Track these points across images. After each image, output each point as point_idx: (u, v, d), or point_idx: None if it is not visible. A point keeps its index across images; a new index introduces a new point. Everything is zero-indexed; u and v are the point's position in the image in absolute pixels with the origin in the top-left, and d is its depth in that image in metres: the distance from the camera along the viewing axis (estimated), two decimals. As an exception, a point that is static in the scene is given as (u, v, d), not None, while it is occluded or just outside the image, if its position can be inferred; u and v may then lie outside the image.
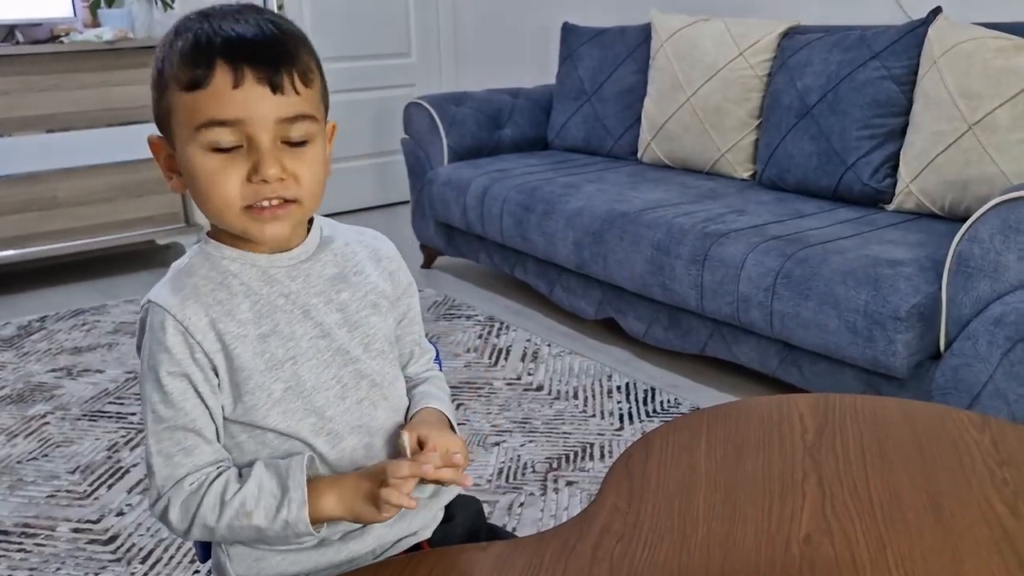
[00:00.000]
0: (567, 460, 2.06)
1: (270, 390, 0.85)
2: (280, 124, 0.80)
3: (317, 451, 0.87)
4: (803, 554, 0.80)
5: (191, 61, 0.79)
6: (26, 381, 2.57)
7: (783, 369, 2.15)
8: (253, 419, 0.85)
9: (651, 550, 0.81)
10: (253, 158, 0.80)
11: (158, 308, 0.84)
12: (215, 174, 0.80)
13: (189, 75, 0.79)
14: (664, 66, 3.04)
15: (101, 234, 3.51)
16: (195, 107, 0.79)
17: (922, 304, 1.82)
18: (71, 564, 1.71)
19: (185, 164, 0.82)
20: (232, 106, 0.78)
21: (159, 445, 0.84)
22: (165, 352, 0.83)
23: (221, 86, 0.78)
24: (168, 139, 0.85)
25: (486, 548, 0.82)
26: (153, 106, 0.85)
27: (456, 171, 3.21)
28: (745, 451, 0.98)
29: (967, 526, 0.83)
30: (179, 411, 0.83)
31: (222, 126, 0.79)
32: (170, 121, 0.83)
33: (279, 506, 0.82)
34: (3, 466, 2.09)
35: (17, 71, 3.24)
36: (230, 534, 0.84)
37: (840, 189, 2.50)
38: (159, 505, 0.85)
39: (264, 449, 0.87)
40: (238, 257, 0.87)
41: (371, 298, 0.92)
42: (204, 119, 0.79)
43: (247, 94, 0.78)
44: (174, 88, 0.80)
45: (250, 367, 0.85)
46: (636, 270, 2.44)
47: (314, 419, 0.87)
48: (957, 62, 2.20)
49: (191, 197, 0.86)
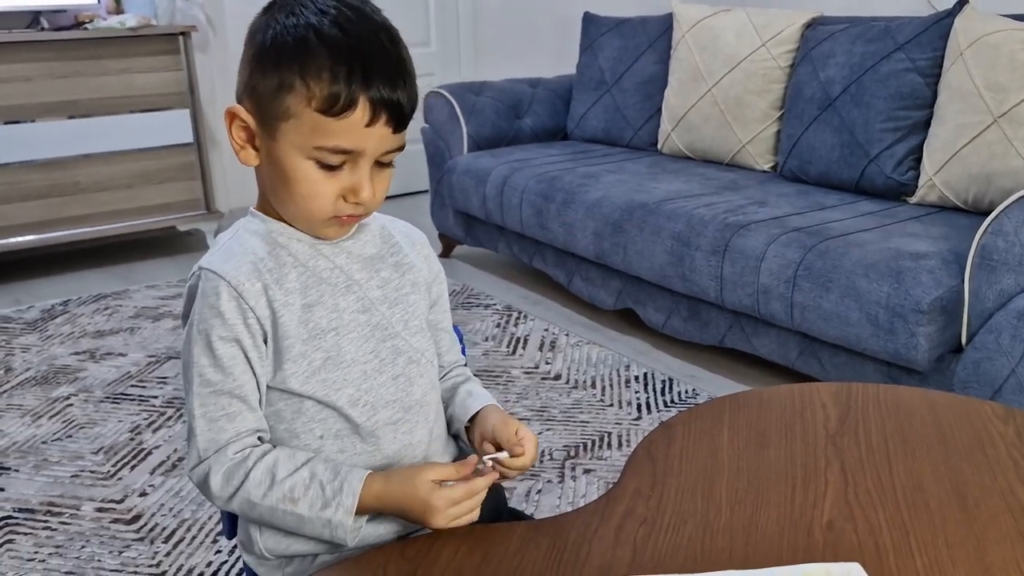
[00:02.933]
0: (584, 448, 2.07)
1: (311, 359, 0.87)
2: (385, 154, 0.85)
3: (352, 421, 0.89)
4: (826, 540, 0.80)
5: (335, 86, 0.79)
6: (50, 364, 2.60)
7: (802, 361, 2.15)
8: (292, 386, 0.87)
9: (674, 533, 0.81)
10: (353, 180, 0.84)
11: (211, 274, 0.85)
12: (316, 185, 0.83)
13: (330, 100, 0.79)
14: (685, 56, 3.03)
15: (122, 220, 3.54)
16: (325, 130, 0.81)
17: (944, 297, 1.82)
18: (95, 542, 1.74)
19: (282, 162, 0.83)
20: (360, 140, 0.82)
21: (203, 409, 0.85)
22: (218, 317, 0.84)
23: (357, 121, 0.80)
24: (264, 126, 0.84)
25: (510, 528, 0.83)
26: (259, 92, 0.83)
27: (476, 160, 3.22)
28: (767, 438, 0.98)
29: (991, 516, 0.83)
30: (228, 376, 0.85)
31: (343, 153, 0.82)
32: (283, 121, 0.82)
33: (326, 504, 0.83)
34: (28, 446, 2.12)
35: (41, 57, 3.26)
36: (269, 515, 0.85)
37: (862, 182, 2.49)
38: (199, 470, 0.86)
39: (300, 417, 0.88)
40: (285, 231, 0.89)
41: (410, 277, 0.95)
42: (330, 144, 0.81)
43: (375, 131, 0.82)
44: (304, 100, 0.80)
45: (294, 335, 0.86)
46: (656, 261, 2.44)
47: (351, 390, 0.89)
48: (983, 54, 2.18)
49: (265, 183, 0.88)
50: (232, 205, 3.89)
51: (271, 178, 0.86)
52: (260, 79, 0.82)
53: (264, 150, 0.85)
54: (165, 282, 3.35)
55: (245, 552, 0.94)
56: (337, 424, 0.89)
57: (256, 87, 0.83)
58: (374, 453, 0.90)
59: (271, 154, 0.84)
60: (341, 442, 0.89)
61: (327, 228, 0.88)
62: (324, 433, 0.89)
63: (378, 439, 0.91)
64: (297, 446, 0.89)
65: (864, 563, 0.76)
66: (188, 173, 3.65)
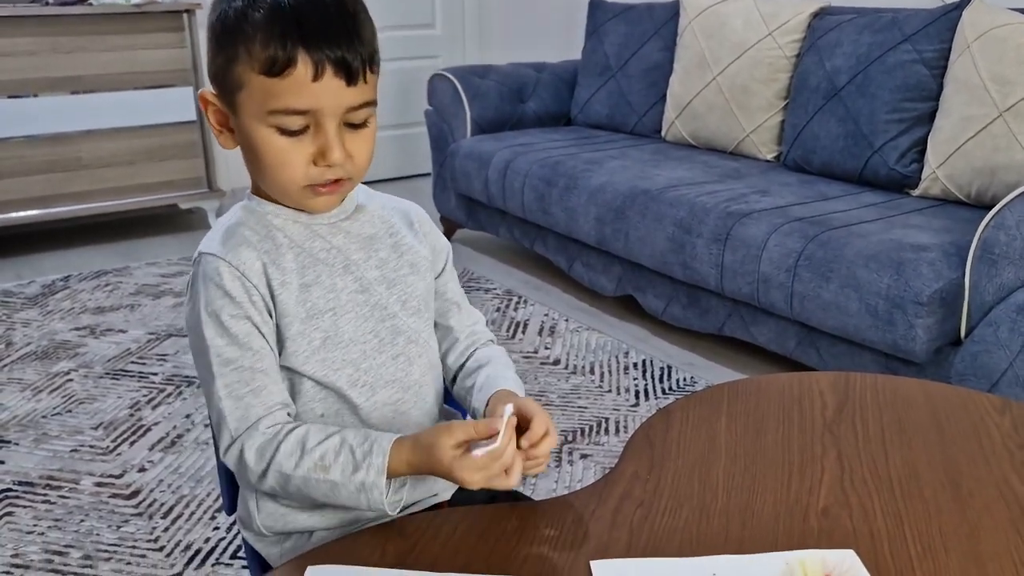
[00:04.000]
0: (582, 433, 2.08)
1: (310, 338, 0.88)
2: (347, 112, 0.83)
3: (351, 401, 0.90)
4: (821, 526, 0.81)
5: (271, 45, 0.79)
6: (50, 339, 2.61)
7: (800, 350, 2.15)
8: (293, 364, 0.88)
9: (671, 516, 0.82)
10: (319, 142, 0.82)
11: (211, 257, 0.86)
12: (282, 154, 0.83)
13: (269, 60, 0.79)
14: (691, 44, 3.02)
15: (124, 196, 3.54)
16: (271, 92, 0.80)
17: (944, 289, 1.82)
18: (94, 516, 1.75)
19: (249, 136, 0.84)
20: (309, 98, 0.80)
21: (228, 388, 0.84)
22: (226, 297, 0.84)
23: (301, 77, 0.79)
24: (227, 103, 0.85)
25: (509, 509, 0.84)
26: (215, 69, 0.84)
27: (479, 144, 3.21)
28: (765, 425, 0.99)
29: (985, 505, 0.84)
30: (246, 351, 0.84)
31: (296, 114, 0.81)
32: (238, 92, 0.83)
33: (356, 467, 0.81)
34: (28, 420, 2.13)
35: (45, 32, 3.25)
36: (304, 486, 0.83)
37: (866, 173, 2.49)
38: (233, 449, 0.85)
39: (300, 397, 0.89)
40: (282, 213, 0.90)
41: (408, 258, 0.95)
42: (280, 106, 0.80)
43: (324, 86, 0.80)
44: (248, 66, 0.80)
45: (292, 314, 0.87)
46: (657, 248, 2.44)
47: (351, 370, 0.89)
48: (991, 47, 2.18)
49: (245, 163, 0.88)
50: (234, 184, 3.89)
51: (246, 156, 0.86)
52: (215, 57, 0.84)
53: (236, 129, 0.86)
54: (166, 260, 3.35)
55: (244, 528, 0.95)
56: (336, 404, 0.90)
57: (214, 67, 0.84)
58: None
59: (240, 131, 0.85)
60: (342, 419, 0.90)
61: (309, 200, 0.87)
62: (325, 411, 0.90)
63: (376, 421, 0.91)
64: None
65: (859, 550, 0.77)
66: (190, 151, 3.65)
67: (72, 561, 1.61)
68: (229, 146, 0.88)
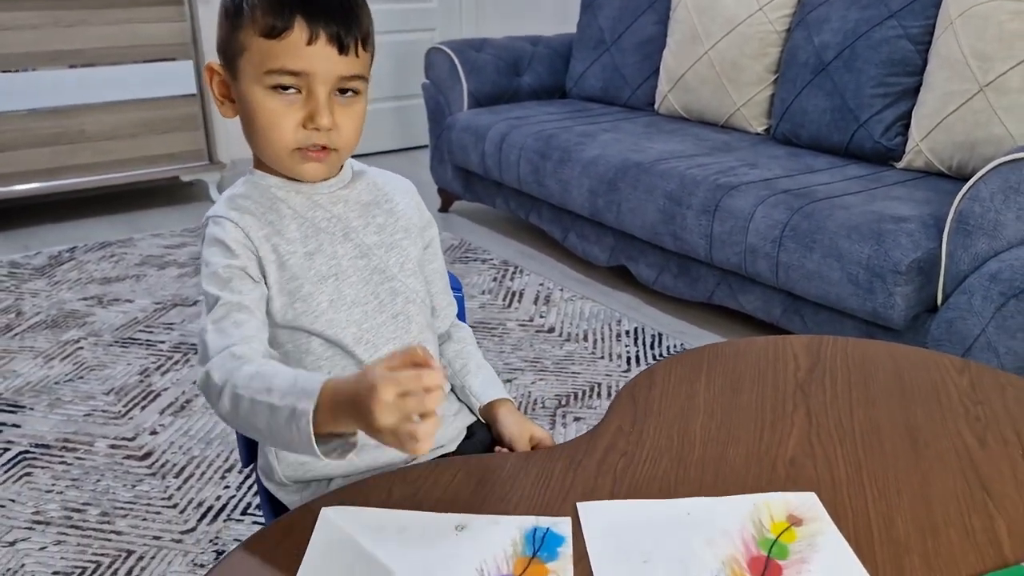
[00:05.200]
0: (575, 398, 2.16)
1: (318, 300, 0.96)
2: (338, 80, 0.90)
3: (357, 358, 0.98)
4: (787, 473, 0.89)
5: (273, 10, 0.87)
6: (59, 308, 2.68)
7: (786, 318, 2.24)
8: (303, 324, 0.95)
9: (651, 465, 0.90)
10: (309, 107, 0.90)
11: (218, 218, 0.94)
12: (274, 115, 0.90)
13: (269, 24, 0.87)
14: (684, 18, 3.07)
15: (127, 169, 3.60)
16: (269, 53, 0.88)
17: (922, 259, 1.90)
18: (110, 476, 1.83)
19: (246, 98, 0.91)
20: (303, 60, 0.88)
21: (215, 324, 0.88)
22: (223, 246, 0.92)
23: (297, 40, 0.87)
24: (230, 70, 0.93)
25: (504, 457, 0.92)
26: (222, 38, 0.93)
27: (475, 117, 3.27)
28: (742, 384, 1.07)
29: (937, 454, 0.92)
30: (235, 293, 0.90)
31: (290, 75, 0.88)
32: (239, 57, 0.91)
33: (291, 390, 0.79)
34: (42, 386, 2.21)
35: (46, 6, 3.29)
36: (250, 410, 0.81)
37: (852, 146, 2.56)
38: (202, 371, 0.86)
39: (308, 356, 0.97)
40: (283, 185, 0.97)
41: (402, 223, 1.04)
42: (276, 66, 0.88)
43: (318, 51, 0.88)
44: (251, 31, 0.89)
45: (301, 277, 0.95)
46: (648, 219, 2.51)
47: (355, 329, 0.98)
48: (972, 24, 2.24)
49: (242, 127, 0.95)
50: (234, 156, 3.95)
51: (244, 121, 0.94)
52: (222, 28, 0.92)
53: (237, 97, 0.93)
54: (169, 231, 3.42)
55: (266, 479, 1.03)
56: (343, 361, 0.98)
57: (221, 36, 0.93)
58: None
59: (240, 96, 0.93)
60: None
61: (298, 165, 0.94)
62: (331, 369, 0.98)
63: None
64: None
65: (820, 494, 0.85)
66: (192, 124, 3.70)
67: (90, 517, 1.70)
68: (229, 115, 0.96)
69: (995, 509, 0.83)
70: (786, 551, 0.77)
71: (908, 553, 0.76)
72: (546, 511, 0.83)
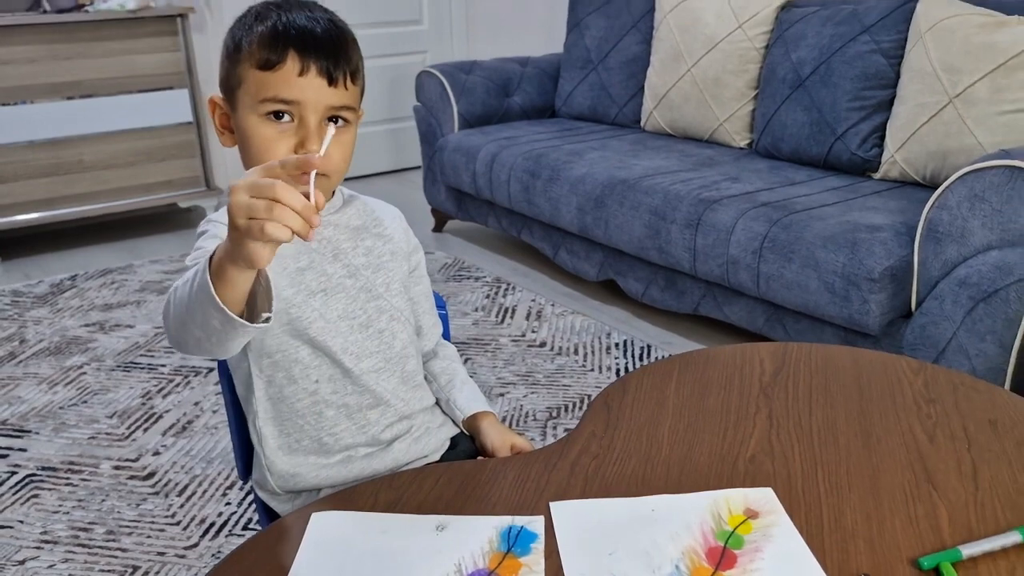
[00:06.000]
0: (566, 410, 2.22)
1: (308, 310, 1.02)
2: (328, 110, 0.97)
3: (344, 367, 1.04)
4: (747, 470, 0.95)
5: (268, 46, 0.95)
6: (62, 335, 2.75)
7: (769, 327, 2.30)
8: (297, 328, 1.02)
9: (620, 466, 0.96)
10: (301, 134, 0.97)
11: (215, 221, 1.00)
12: (268, 141, 0.97)
13: (265, 57, 0.95)
14: (667, 37, 3.15)
15: (125, 197, 3.68)
16: (264, 83, 0.95)
17: (895, 267, 1.96)
18: (114, 496, 1.89)
19: (242, 127, 0.98)
20: (295, 90, 0.95)
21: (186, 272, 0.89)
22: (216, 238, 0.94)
23: (289, 72, 0.95)
24: (230, 102, 1.01)
25: (483, 463, 0.98)
26: (223, 72, 1.01)
27: (466, 138, 3.35)
28: (709, 389, 1.13)
29: (889, 449, 0.98)
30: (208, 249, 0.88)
31: (282, 103, 0.96)
32: (238, 89, 0.98)
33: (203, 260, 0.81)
34: (47, 411, 2.27)
35: (44, 39, 3.38)
36: (180, 288, 0.85)
37: (830, 158, 2.63)
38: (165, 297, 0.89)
39: (297, 365, 1.03)
40: None
41: (390, 247, 1.11)
42: (270, 95, 0.95)
43: (309, 82, 0.95)
44: (248, 64, 0.96)
45: (294, 287, 1.02)
46: (635, 234, 2.58)
47: (342, 340, 1.04)
48: (941, 37, 2.31)
49: (240, 156, 1.02)
50: (231, 182, 4.01)
51: (241, 148, 1.01)
52: (224, 64, 1.00)
53: (235, 127, 1.00)
54: (168, 256, 3.49)
55: (260, 489, 1.10)
56: (330, 370, 1.04)
57: (222, 72, 1.01)
58: (363, 393, 1.05)
59: (237, 125, 1.00)
60: (334, 384, 1.04)
61: None
62: (319, 377, 1.04)
63: (365, 383, 1.05)
64: (295, 391, 1.04)
65: (776, 488, 0.91)
66: (188, 151, 3.78)
67: (97, 536, 1.76)
68: (228, 144, 1.03)
69: (939, 499, 0.89)
70: (741, 541, 0.83)
71: (854, 539, 0.83)
72: (522, 511, 0.89)
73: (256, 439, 1.07)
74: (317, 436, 1.05)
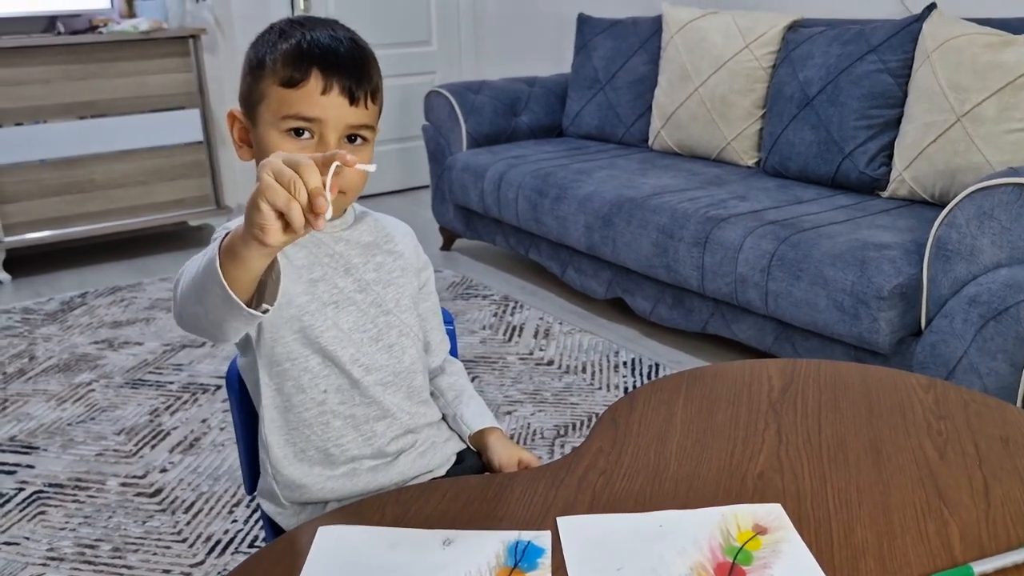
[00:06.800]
0: (573, 428, 2.21)
1: (321, 319, 1.03)
2: (348, 128, 0.98)
3: (352, 377, 1.04)
4: (756, 487, 0.94)
5: (292, 63, 0.96)
6: (71, 352, 2.76)
7: (778, 345, 2.29)
8: (310, 336, 1.02)
9: (628, 482, 0.96)
10: (320, 150, 0.97)
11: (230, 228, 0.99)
12: None
13: (288, 75, 0.96)
14: (674, 57, 3.17)
15: (136, 215, 3.70)
16: (287, 100, 0.96)
17: (904, 285, 1.96)
18: (121, 513, 1.89)
19: (262, 142, 0.99)
20: (317, 107, 0.96)
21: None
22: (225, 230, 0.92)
23: (312, 90, 0.96)
24: (250, 117, 1.02)
25: (490, 478, 0.98)
26: (244, 87, 1.02)
27: (474, 157, 3.36)
28: (717, 406, 1.12)
29: (899, 467, 0.97)
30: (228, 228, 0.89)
31: (304, 120, 0.97)
32: (259, 105, 0.99)
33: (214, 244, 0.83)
34: (55, 428, 2.27)
35: (58, 60, 3.42)
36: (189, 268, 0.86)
37: (838, 177, 2.63)
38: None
39: (306, 375, 1.03)
40: None
41: (400, 263, 1.11)
42: (292, 112, 0.96)
43: (331, 101, 0.97)
44: (271, 81, 0.97)
45: (300, 303, 1.02)
46: (643, 252, 2.58)
47: (352, 351, 1.04)
48: (948, 56, 2.32)
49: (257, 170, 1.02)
50: (240, 200, 4.05)
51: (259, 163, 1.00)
52: (246, 79, 1.01)
53: (254, 142, 1.01)
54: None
55: (267, 502, 1.09)
56: (339, 380, 1.04)
57: (244, 87, 1.01)
58: (371, 405, 1.05)
59: (257, 141, 1.00)
60: (342, 395, 1.05)
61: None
62: (328, 387, 1.04)
63: (373, 395, 1.06)
64: (303, 400, 1.04)
65: (785, 504, 0.90)
66: (199, 170, 3.81)
67: (103, 553, 1.75)
68: (246, 158, 1.04)
69: (949, 516, 0.88)
70: (750, 557, 0.82)
71: (864, 556, 0.82)
72: (529, 526, 0.89)
73: (263, 449, 1.07)
74: (323, 447, 1.05)
